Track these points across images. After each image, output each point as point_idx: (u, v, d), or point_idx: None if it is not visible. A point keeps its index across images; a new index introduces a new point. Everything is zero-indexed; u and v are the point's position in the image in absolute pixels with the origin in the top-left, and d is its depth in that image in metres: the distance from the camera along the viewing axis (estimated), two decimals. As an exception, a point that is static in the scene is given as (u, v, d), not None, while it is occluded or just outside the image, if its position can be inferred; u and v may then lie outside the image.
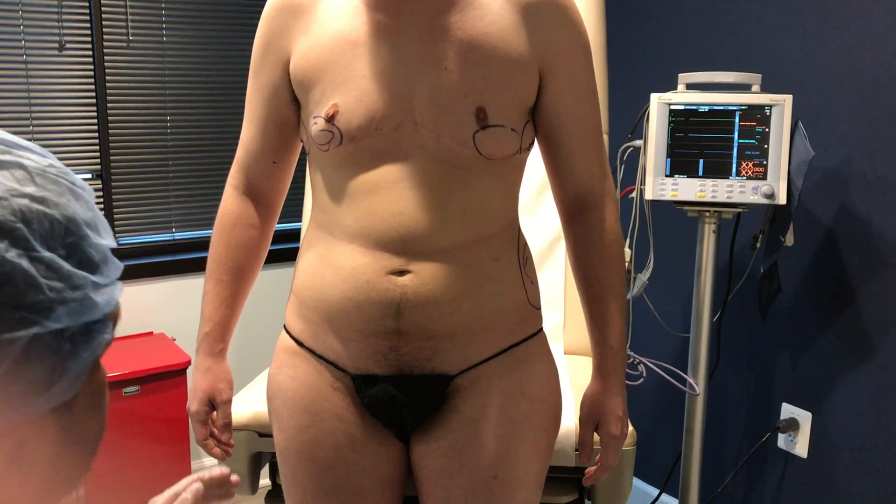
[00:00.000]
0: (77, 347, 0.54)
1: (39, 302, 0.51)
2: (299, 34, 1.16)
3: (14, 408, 0.51)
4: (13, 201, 0.51)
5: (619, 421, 1.24)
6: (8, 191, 0.51)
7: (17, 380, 0.51)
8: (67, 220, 0.54)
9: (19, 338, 0.50)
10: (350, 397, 1.17)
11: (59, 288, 0.52)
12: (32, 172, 0.54)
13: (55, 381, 0.53)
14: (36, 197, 0.53)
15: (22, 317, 0.50)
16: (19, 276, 0.50)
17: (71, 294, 0.53)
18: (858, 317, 2.02)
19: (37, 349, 0.51)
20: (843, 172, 2.02)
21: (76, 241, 0.55)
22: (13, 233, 0.50)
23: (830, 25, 2.03)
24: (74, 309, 0.53)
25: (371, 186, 1.11)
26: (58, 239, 0.53)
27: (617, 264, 1.24)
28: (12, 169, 0.53)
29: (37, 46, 2.40)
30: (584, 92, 1.19)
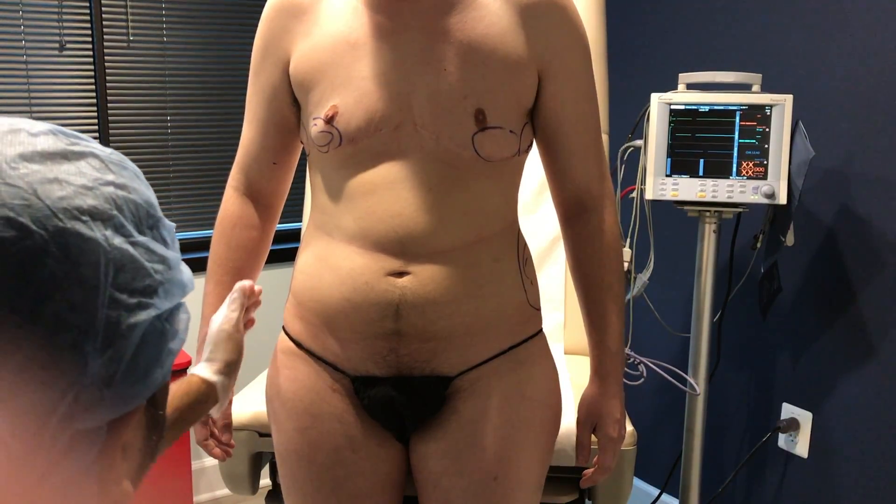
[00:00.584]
0: (172, 329, 0.55)
1: (149, 285, 0.52)
2: (299, 35, 1.16)
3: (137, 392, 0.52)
4: (102, 189, 0.51)
5: (616, 423, 1.24)
6: (95, 179, 0.51)
7: (138, 365, 0.51)
8: (147, 204, 0.54)
9: (141, 321, 0.51)
10: (349, 399, 1.17)
11: (161, 270, 0.53)
12: (105, 160, 0.53)
13: (164, 361, 0.54)
14: (118, 184, 0.52)
15: (139, 301, 0.51)
16: (128, 261, 0.50)
17: (168, 275, 0.54)
18: (859, 317, 2.02)
19: (150, 332, 0.52)
20: (844, 172, 2.02)
21: (156, 223, 0.55)
22: (112, 220, 0.50)
23: (831, 25, 2.03)
24: (170, 289, 0.54)
25: (370, 187, 1.11)
26: (144, 222, 0.53)
27: (615, 266, 1.23)
28: (88, 158, 0.52)
29: (37, 46, 2.40)
30: (583, 93, 1.19)
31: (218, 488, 2.71)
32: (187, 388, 1.00)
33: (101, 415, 0.50)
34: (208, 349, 1.06)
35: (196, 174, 2.75)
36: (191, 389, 1.00)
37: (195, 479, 2.65)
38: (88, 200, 0.49)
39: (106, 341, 0.49)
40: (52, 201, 0.48)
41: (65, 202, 0.48)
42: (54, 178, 0.49)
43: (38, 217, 0.47)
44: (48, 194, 0.48)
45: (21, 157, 0.49)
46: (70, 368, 0.48)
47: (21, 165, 0.48)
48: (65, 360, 0.47)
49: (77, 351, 0.48)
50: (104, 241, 0.49)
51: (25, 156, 0.49)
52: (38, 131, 0.52)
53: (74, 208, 0.48)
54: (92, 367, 0.48)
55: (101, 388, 0.49)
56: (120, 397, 0.51)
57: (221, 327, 1.07)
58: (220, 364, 1.04)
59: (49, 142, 0.51)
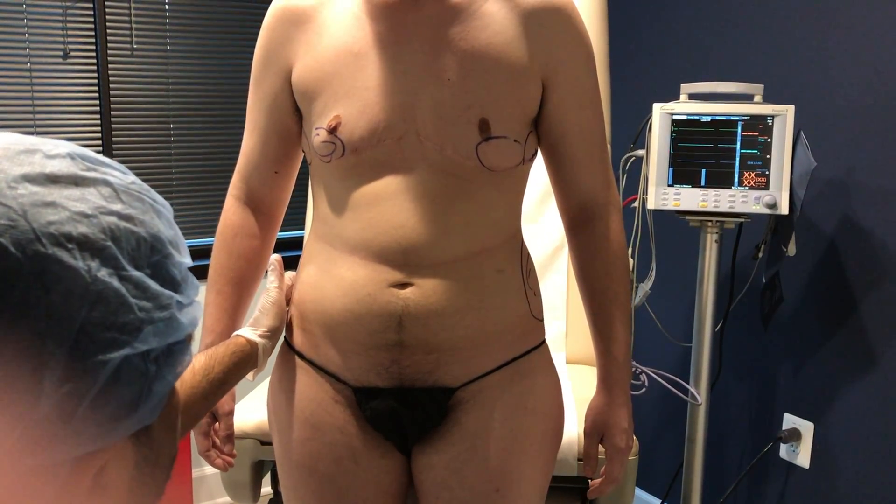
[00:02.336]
0: (161, 369, 0.53)
1: (130, 322, 0.50)
2: (301, 45, 1.15)
3: (103, 432, 0.50)
4: (102, 219, 0.50)
5: (624, 433, 1.23)
6: (97, 208, 0.50)
7: (107, 403, 0.49)
8: (153, 238, 0.53)
9: (111, 359, 0.49)
10: (351, 410, 1.16)
11: (148, 308, 0.51)
12: (118, 189, 0.53)
13: (141, 404, 0.52)
14: (123, 214, 0.52)
15: (113, 337, 0.49)
16: (111, 295, 0.49)
17: (158, 314, 0.52)
18: (860, 327, 2.02)
19: (126, 371, 0.50)
20: (845, 183, 2.02)
21: (161, 260, 0.54)
22: (103, 251, 0.49)
23: (833, 36, 2.03)
24: (161, 329, 0.52)
25: (373, 198, 1.11)
26: (144, 257, 0.52)
27: (621, 274, 1.23)
28: (99, 186, 0.52)
29: (41, 54, 2.41)
30: (587, 101, 1.18)
31: (219, 496, 2.70)
32: (234, 347, 1.08)
33: (60, 450, 0.48)
34: (256, 314, 1.15)
35: (198, 182, 2.75)
36: (237, 349, 1.08)
37: (196, 487, 2.65)
38: (81, 228, 0.49)
39: (66, 376, 0.47)
40: (39, 225, 0.47)
41: (53, 227, 0.47)
42: (51, 202, 0.48)
43: (19, 239, 0.46)
44: (37, 218, 0.47)
45: (24, 178, 0.48)
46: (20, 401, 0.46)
47: (21, 186, 0.48)
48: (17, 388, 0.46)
49: (33, 382, 0.46)
50: (86, 272, 0.48)
51: (29, 177, 0.49)
52: (56, 154, 0.52)
53: (62, 234, 0.48)
54: (46, 401, 0.46)
55: (56, 425, 0.47)
56: (82, 435, 0.49)
57: (267, 297, 1.16)
58: (265, 329, 1.13)
59: (62, 165, 0.51)
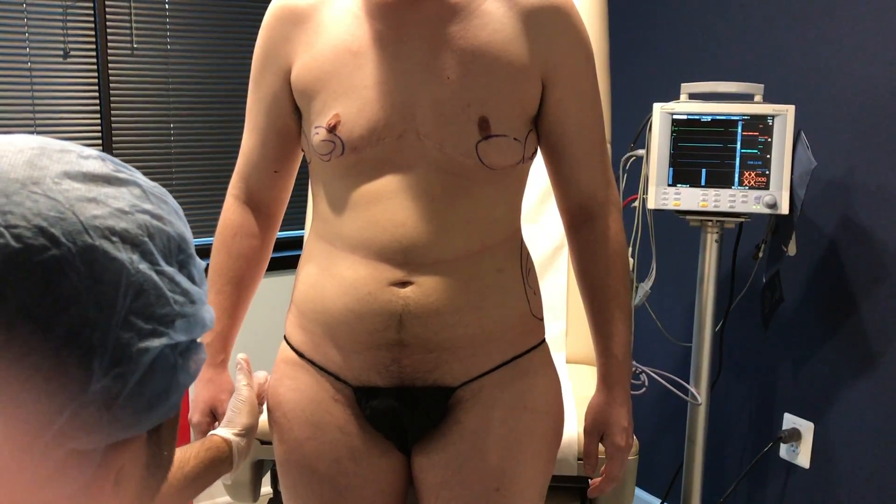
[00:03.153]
0: (185, 364, 0.55)
1: (167, 314, 0.53)
2: (300, 44, 1.15)
3: (136, 421, 0.52)
4: (137, 216, 0.53)
5: (624, 431, 1.23)
6: (132, 206, 0.53)
7: (143, 392, 0.52)
8: (180, 238, 0.56)
9: (152, 348, 0.51)
10: (351, 409, 1.16)
11: (181, 301, 0.54)
12: (147, 190, 0.55)
13: (170, 395, 0.54)
14: (154, 213, 0.54)
15: (154, 328, 0.52)
16: (151, 287, 0.52)
17: (189, 308, 0.55)
18: (861, 327, 2.02)
19: (160, 361, 0.52)
20: (846, 183, 2.02)
21: (186, 259, 0.57)
22: (141, 245, 0.52)
23: (833, 36, 2.03)
24: (190, 323, 0.55)
25: (373, 197, 1.11)
26: (173, 255, 0.55)
27: (621, 273, 1.23)
28: (130, 186, 0.54)
29: (41, 54, 2.41)
30: (587, 100, 1.18)
31: (219, 496, 2.70)
32: (210, 444, 1.12)
33: (98, 437, 0.51)
34: (228, 415, 1.18)
35: (199, 181, 2.75)
36: (212, 446, 1.12)
37: (195, 487, 2.64)
38: (121, 223, 0.51)
39: (113, 361, 0.49)
40: (85, 218, 0.50)
41: (98, 221, 0.50)
42: (93, 198, 0.51)
43: (69, 231, 0.48)
44: (83, 211, 0.50)
45: (65, 175, 0.51)
46: (73, 383, 0.48)
47: (64, 182, 0.50)
48: (69, 374, 0.48)
49: (83, 367, 0.48)
50: (129, 264, 0.51)
51: (70, 174, 0.51)
52: (88, 155, 0.54)
53: (106, 228, 0.50)
54: (95, 385, 0.49)
55: (100, 409, 0.50)
56: (119, 422, 0.51)
57: (238, 396, 1.19)
58: (240, 428, 1.17)
59: (96, 165, 0.54)
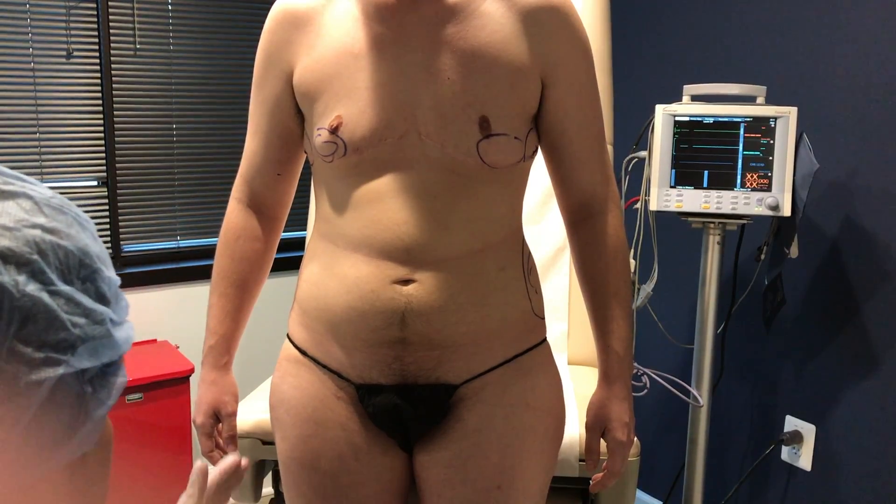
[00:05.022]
0: (97, 390, 0.50)
1: (63, 339, 0.48)
2: (302, 47, 1.16)
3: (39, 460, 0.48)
4: (25, 232, 0.47)
5: (625, 427, 1.23)
6: (19, 221, 0.48)
7: (43, 427, 0.47)
8: (81, 252, 0.51)
9: (46, 379, 0.46)
10: (353, 407, 1.17)
11: (82, 324, 0.49)
12: (39, 202, 0.50)
13: (78, 428, 0.49)
14: (47, 227, 0.49)
15: (47, 356, 0.47)
16: (41, 311, 0.47)
17: (93, 330, 0.50)
18: (863, 329, 2.02)
19: (61, 392, 0.48)
20: (848, 184, 2.02)
21: (90, 274, 0.51)
22: (30, 265, 0.47)
23: (835, 38, 2.03)
24: (96, 346, 0.50)
25: (375, 196, 1.11)
26: (73, 271, 0.50)
27: (621, 269, 1.23)
28: (19, 199, 0.49)
29: (44, 54, 2.42)
30: (586, 99, 1.19)
31: (219, 497, 2.70)
32: None
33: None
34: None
35: (201, 182, 2.75)
36: None
37: (197, 488, 2.64)
38: (3, 241, 0.46)
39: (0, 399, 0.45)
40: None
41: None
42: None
43: None
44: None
45: None
46: None
47: None
48: None
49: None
50: (13, 287, 0.45)
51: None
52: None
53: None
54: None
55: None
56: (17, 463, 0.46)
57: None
58: None
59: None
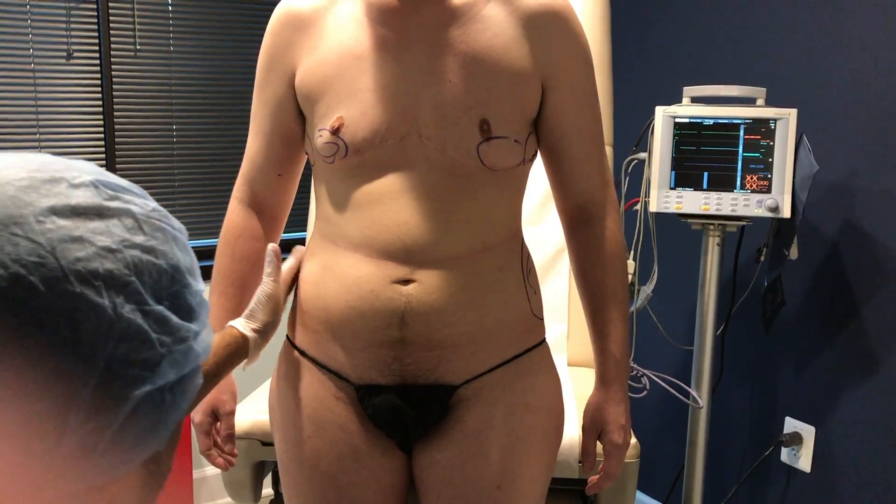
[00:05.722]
0: (176, 399, 0.53)
1: (151, 357, 0.50)
2: (305, 49, 1.17)
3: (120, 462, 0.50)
4: (126, 253, 0.49)
5: (621, 429, 1.24)
6: (121, 241, 0.49)
7: (125, 437, 0.49)
8: (172, 269, 0.53)
9: (134, 395, 0.49)
10: (353, 407, 1.17)
11: (168, 342, 0.51)
12: (140, 220, 0.52)
13: (156, 435, 0.52)
14: (145, 247, 0.51)
15: (135, 374, 0.49)
16: (134, 332, 0.49)
17: (176, 347, 0.52)
18: (862, 330, 2.02)
19: (144, 404, 0.50)
20: (848, 186, 2.02)
21: (179, 290, 0.53)
22: (127, 286, 0.49)
23: (835, 40, 2.03)
24: (177, 360, 0.52)
25: (375, 197, 1.12)
26: (164, 290, 0.52)
27: (619, 273, 1.24)
28: (122, 217, 0.51)
29: (45, 55, 2.42)
30: (585, 103, 1.19)
31: (219, 497, 2.70)
32: (228, 339, 1.08)
33: (79, 482, 0.49)
34: (251, 306, 1.13)
35: (201, 183, 2.76)
36: (231, 341, 1.08)
37: (196, 488, 2.65)
38: (107, 264, 0.48)
39: (90, 414, 0.47)
40: (67, 262, 0.46)
41: (80, 264, 0.47)
42: (78, 237, 0.48)
43: (48, 278, 0.46)
44: (66, 254, 0.47)
45: (51, 211, 0.48)
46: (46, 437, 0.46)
47: (48, 220, 0.47)
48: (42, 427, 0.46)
49: (57, 420, 0.46)
50: (111, 310, 0.47)
51: (56, 209, 0.48)
52: (80, 182, 0.51)
53: (89, 272, 0.47)
54: (70, 438, 0.47)
55: (77, 459, 0.47)
56: (99, 467, 0.49)
57: (263, 289, 1.14)
58: (258, 323, 1.12)
59: (87, 195, 0.50)
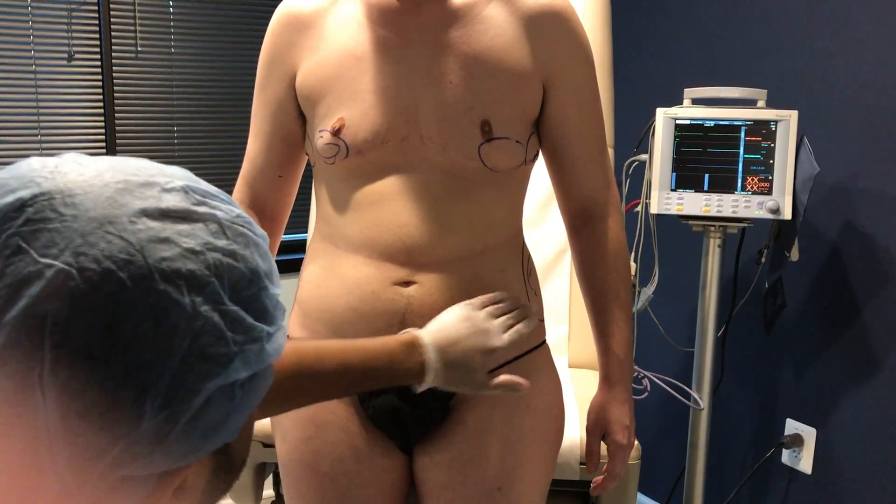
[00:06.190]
0: (246, 394, 0.56)
1: (224, 354, 0.53)
2: (305, 50, 1.17)
3: (191, 450, 0.53)
4: (208, 255, 0.53)
5: (625, 430, 1.23)
6: (204, 244, 0.53)
7: (196, 426, 0.52)
8: (251, 273, 0.56)
9: (206, 388, 0.52)
10: (354, 408, 1.17)
11: (241, 341, 0.54)
12: (224, 225, 0.55)
13: (227, 426, 0.55)
14: (227, 251, 0.54)
15: (208, 369, 0.52)
16: (210, 329, 0.52)
17: (249, 346, 0.55)
18: (863, 332, 2.02)
19: (216, 397, 0.53)
20: (848, 188, 2.02)
21: (256, 293, 0.56)
22: (207, 286, 0.52)
23: (836, 41, 2.04)
24: (250, 359, 0.55)
25: (376, 198, 1.12)
26: (242, 292, 0.55)
27: (622, 273, 1.24)
28: (208, 222, 0.54)
29: (46, 56, 2.42)
30: (587, 103, 1.19)
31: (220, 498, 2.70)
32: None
33: (150, 467, 0.52)
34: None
35: (202, 184, 2.75)
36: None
37: (197, 490, 2.64)
38: (189, 265, 0.51)
39: (165, 402, 0.50)
40: (153, 261, 0.50)
41: (165, 263, 0.50)
42: (165, 238, 0.51)
43: (136, 275, 0.49)
44: (153, 253, 0.50)
45: (143, 212, 0.52)
46: (126, 421, 0.49)
47: (140, 221, 0.51)
48: (123, 412, 0.49)
49: (136, 406, 0.49)
50: (190, 308, 0.51)
51: (148, 211, 0.52)
52: (172, 187, 0.55)
53: (173, 271, 0.51)
54: (146, 424, 0.50)
55: (152, 444, 0.51)
56: (172, 454, 0.52)
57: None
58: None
59: (176, 200, 0.54)
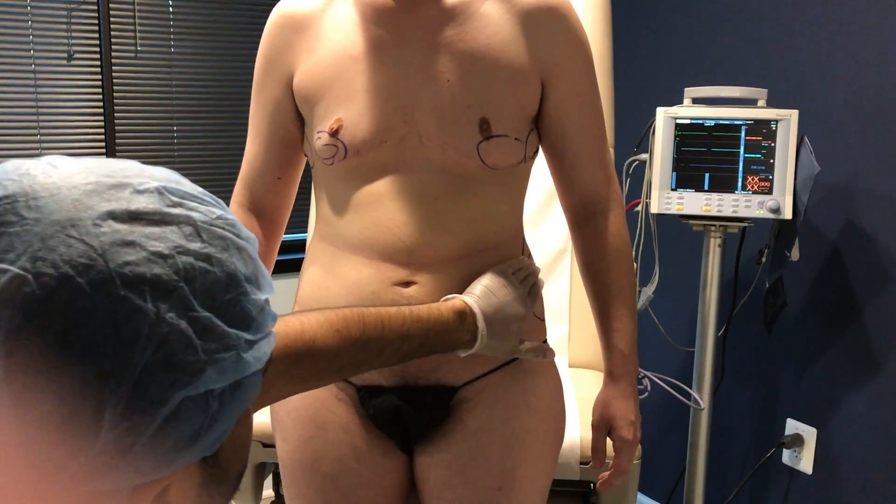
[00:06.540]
0: (225, 405, 0.53)
1: (193, 363, 0.50)
2: (302, 51, 1.16)
3: (161, 464, 0.51)
4: (178, 259, 0.50)
5: (631, 425, 1.23)
6: (174, 248, 0.50)
7: (165, 438, 0.50)
8: (228, 278, 0.53)
9: (171, 399, 0.49)
10: (354, 408, 1.17)
11: (213, 349, 0.51)
12: (200, 227, 0.53)
13: (202, 437, 0.52)
14: (200, 254, 0.52)
15: (175, 378, 0.49)
16: (176, 337, 0.49)
17: (223, 355, 0.52)
18: (864, 332, 2.02)
19: (186, 408, 0.50)
20: (849, 188, 2.02)
21: (235, 298, 0.54)
22: (174, 292, 0.49)
23: (837, 41, 2.03)
24: (225, 368, 0.52)
25: (376, 198, 1.11)
26: (217, 297, 0.52)
27: (625, 268, 1.23)
28: (182, 224, 0.52)
29: (45, 56, 2.42)
30: (586, 99, 1.19)
31: (220, 499, 2.70)
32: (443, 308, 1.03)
33: (117, 480, 0.50)
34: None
35: (202, 184, 2.71)
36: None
37: (197, 490, 2.64)
38: (155, 269, 0.49)
39: (125, 413, 0.48)
40: (115, 266, 0.48)
41: (128, 268, 0.48)
42: (130, 242, 0.49)
43: (95, 280, 0.47)
44: (115, 258, 0.48)
45: (110, 215, 0.49)
46: (84, 432, 0.47)
47: (105, 223, 0.49)
48: (81, 422, 0.47)
49: (94, 416, 0.47)
50: (154, 315, 0.48)
51: (115, 213, 0.49)
52: (146, 188, 0.52)
53: (136, 276, 0.48)
54: (105, 435, 0.48)
55: (114, 457, 0.48)
56: (140, 467, 0.50)
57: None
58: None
59: (148, 201, 0.51)
